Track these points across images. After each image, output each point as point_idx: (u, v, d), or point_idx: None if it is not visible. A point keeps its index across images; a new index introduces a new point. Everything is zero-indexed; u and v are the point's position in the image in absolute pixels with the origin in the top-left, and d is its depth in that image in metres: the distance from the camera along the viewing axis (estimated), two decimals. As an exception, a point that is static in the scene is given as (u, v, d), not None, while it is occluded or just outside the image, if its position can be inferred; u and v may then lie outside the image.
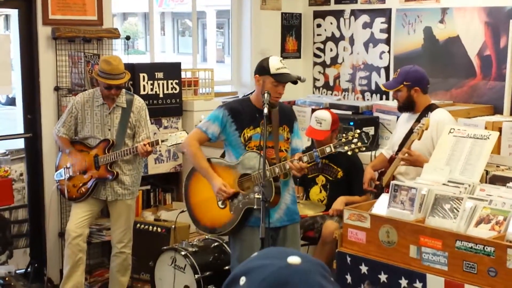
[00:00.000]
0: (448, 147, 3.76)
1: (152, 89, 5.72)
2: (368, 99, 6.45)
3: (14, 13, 5.54)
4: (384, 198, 3.59)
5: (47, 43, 5.40)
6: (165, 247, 4.85)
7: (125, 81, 4.80)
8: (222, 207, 4.06)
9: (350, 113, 5.73)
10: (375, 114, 5.72)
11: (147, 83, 5.70)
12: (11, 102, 13.37)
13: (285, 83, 3.95)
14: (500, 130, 4.44)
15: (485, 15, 5.59)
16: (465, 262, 3.09)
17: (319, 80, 6.94)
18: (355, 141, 3.73)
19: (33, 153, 5.54)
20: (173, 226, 5.24)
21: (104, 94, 4.79)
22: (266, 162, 3.80)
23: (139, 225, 5.35)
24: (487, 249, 3.02)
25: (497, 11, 5.54)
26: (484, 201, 3.27)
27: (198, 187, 4.19)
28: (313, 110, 5.45)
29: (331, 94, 6.79)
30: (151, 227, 5.37)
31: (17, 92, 5.65)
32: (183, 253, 4.63)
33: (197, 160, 4.08)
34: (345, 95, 6.69)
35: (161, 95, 5.78)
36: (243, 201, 3.98)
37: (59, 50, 5.42)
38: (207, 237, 4.95)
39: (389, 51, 6.29)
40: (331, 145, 3.79)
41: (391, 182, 3.55)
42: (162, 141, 4.66)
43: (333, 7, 6.72)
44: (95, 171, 4.82)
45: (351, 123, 5.50)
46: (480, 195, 3.37)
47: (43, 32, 5.38)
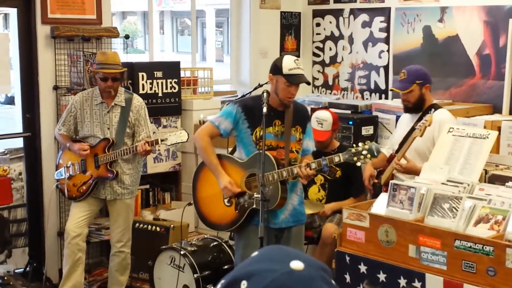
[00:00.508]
0: (447, 147, 3.77)
1: (151, 88, 5.72)
2: (367, 98, 6.45)
3: (13, 12, 5.53)
4: (383, 197, 3.59)
5: (46, 42, 5.39)
6: (164, 247, 4.85)
7: (121, 72, 4.77)
8: (228, 205, 4.04)
9: (349, 112, 5.74)
10: (374, 113, 5.72)
11: (146, 82, 5.70)
12: (10, 101, 13.39)
13: (297, 84, 3.90)
14: (499, 129, 4.45)
15: (485, 14, 5.59)
16: (464, 261, 3.09)
17: (318, 79, 6.93)
18: (364, 152, 3.69)
19: (32, 152, 5.53)
20: (172, 225, 5.24)
21: (101, 88, 4.77)
22: (274, 164, 3.80)
23: (138, 225, 5.35)
24: (486, 248, 3.02)
25: (496, 10, 5.54)
26: (483, 201, 3.27)
27: (206, 182, 4.16)
28: (312, 109, 5.44)
29: (330, 93, 6.78)
30: (150, 227, 5.37)
31: (16, 91, 5.64)
32: (182, 253, 4.63)
33: (207, 155, 4.05)
34: (344, 94, 6.69)
35: (160, 94, 5.77)
36: (248, 201, 3.96)
37: (58, 49, 5.41)
38: (206, 236, 4.94)
39: (388, 50, 6.29)
40: (340, 155, 3.74)
41: (390, 181, 3.55)
42: (161, 141, 4.65)
43: (332, 6, 6.72)
44: (95, 170, 4.82)
45: (350, 122, 5.50)
46: (479, 195, 3.37)
47: (42, 31, 5.37)
